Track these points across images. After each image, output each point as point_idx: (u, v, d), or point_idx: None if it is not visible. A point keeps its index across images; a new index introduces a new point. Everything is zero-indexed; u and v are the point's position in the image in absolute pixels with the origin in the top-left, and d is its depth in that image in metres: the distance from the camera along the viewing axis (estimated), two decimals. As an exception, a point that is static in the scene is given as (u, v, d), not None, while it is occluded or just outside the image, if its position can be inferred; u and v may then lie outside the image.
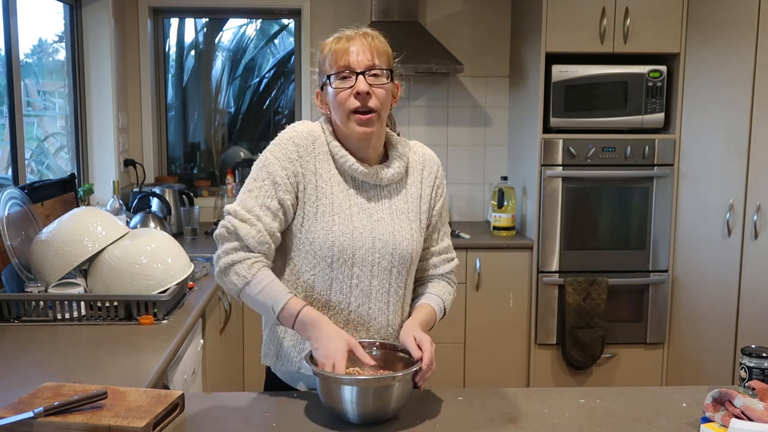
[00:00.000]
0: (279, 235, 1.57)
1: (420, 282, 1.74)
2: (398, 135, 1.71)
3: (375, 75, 1.54)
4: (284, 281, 1.60)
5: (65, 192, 2.96)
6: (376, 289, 1.60)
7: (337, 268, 1.57)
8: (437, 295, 1.69)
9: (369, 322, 1.61)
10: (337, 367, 1.41)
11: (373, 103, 1.53)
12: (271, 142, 1.60)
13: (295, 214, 1.58)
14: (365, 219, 1.59)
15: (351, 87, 1.52)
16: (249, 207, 1.53)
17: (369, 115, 1.54)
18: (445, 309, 1.71)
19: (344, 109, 1.54)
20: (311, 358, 1.48)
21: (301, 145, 1.57)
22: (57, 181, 2.95)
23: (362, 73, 1.52)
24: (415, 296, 1.72)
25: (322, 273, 1.57)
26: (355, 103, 1.53)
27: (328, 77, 1.55)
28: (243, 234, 1.51)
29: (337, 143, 1.60)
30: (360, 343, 1.50)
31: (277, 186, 1.54)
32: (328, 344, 1.45)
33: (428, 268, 1.73)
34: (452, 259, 1.75)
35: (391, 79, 1.58)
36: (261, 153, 1.61)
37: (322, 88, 1.60)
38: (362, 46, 1.53)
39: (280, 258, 1.63)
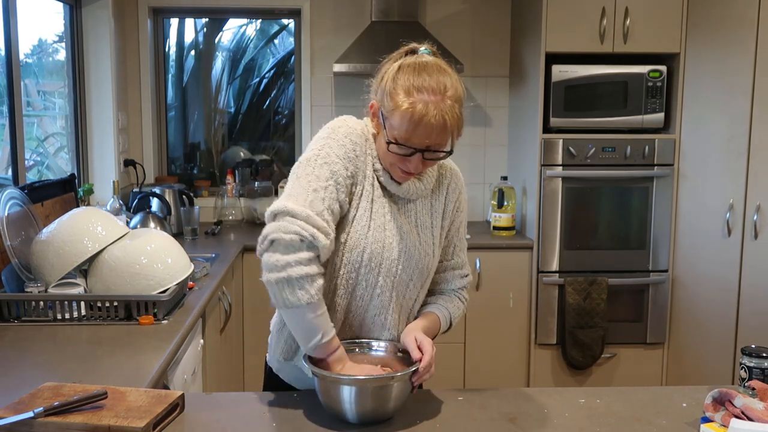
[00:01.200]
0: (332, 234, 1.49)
1: (431, 294, 1.72)
2: None
3: (434, 153, 1.48)
4: None
5: (65, 192, 2.96)
6: (394, 300, 1.58)
7: (363, 274, 1.54)
8: (445, 307, 1.67)
9: (381, 332, 1.60)
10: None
11: (420, 171, 1.51)
12: (325, 136, 1.51)
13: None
14: (395, 230, 1.55)
15: (406, 156, 1.46)
16: (319, 210, 1.42)
17: (412, 175, 1.52)
18: (451, 322, 1.69)
19: (390, 161, 1.51)
20: (310, 358, 1.48)
21: (357, 143, 1.51)
22: (57, 181, 2.95)
23: (422, 151, 1.45)
24: (424, 304, 1.70)
25: (347, 276, 1.54)
26: (403, 166, 1.49)
27: (388, 141, 1.46)
28: (322, 245, 1.40)
29: (376, 154, 1.56)
30: (365, 341, 1.55)
31: (339, 187, 1.46)
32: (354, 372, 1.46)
33: (441, 281, 1.71)
34: (466, 276, 1.72)
35: (449, 153, 1.51)
36: (313, 145, 1.51)
37: (379, 112, 1.49)
38: (435, 130, 1.42)
39: None
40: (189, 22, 4.48)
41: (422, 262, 1.59)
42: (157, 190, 3.72)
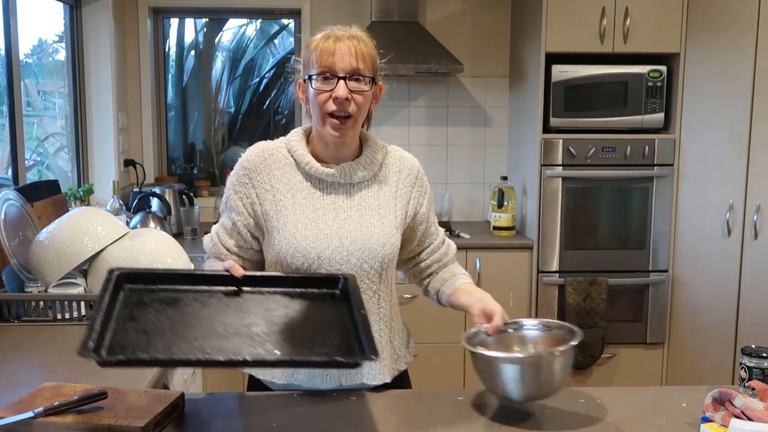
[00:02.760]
0: (239, 248, 1.67)
1: (436, 273, 1.79)
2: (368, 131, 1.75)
3: (357, 80, 1.55)
4: None
5: (55, 193, 2.93)
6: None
7: (305, 271, 1.59)
8: (464, 274, 1.77)
9: None
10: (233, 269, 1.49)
11: (351, 108, 1.55)
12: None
13: (263, 231, 1.64)
14: (331, 219, 1.61)
15: (331, 90, 1.54)
16: (215, 228, 1.72)
17: (345, 121, 1.56)
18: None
19: (322, 110, 1.56)
20: (468, 339, 1.51)
21: (250, 168, 1.63)
22: (47, 182, 2.93)
23: (344, 78, 1.54)
24: (442, 282, 1.76)
25: None
26: (332, 106, 1.55)
27: (310, 76, 1.57)
28: (205, 247, 1.73)
29: (303, 150, 1.63)
30: (518, 321, 1.59)
31: (230, 209, 1.65)
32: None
33: (441, 258, 1.78)
34: (450, 244, 1.83)
35: (374, 83, 1.59)
36: None
37: (304, 81, 1.61)
38: (348, 49, 1.54)
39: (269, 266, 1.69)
40: (189, 22, 4.48)
41: (370, 242, 1.61)
42: (157, 190, 3.72)
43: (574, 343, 1.45)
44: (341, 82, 1.53)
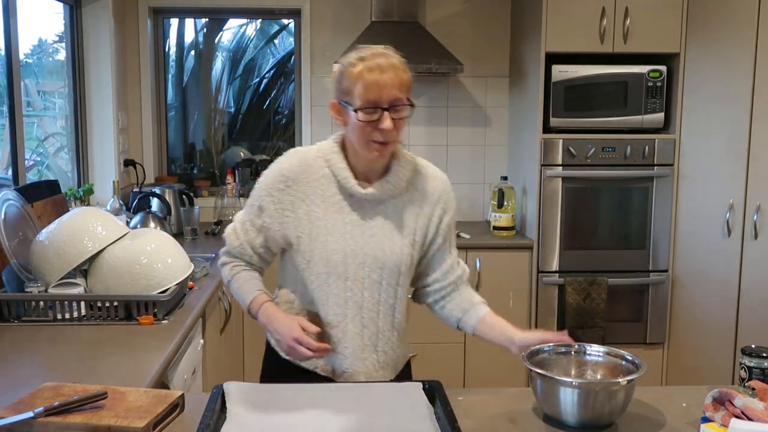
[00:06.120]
0: (264, 248, 1.72)
1: (452, 296, 1.82)
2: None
3: (398, 109, 1.58)
4: (294, 293, 1.74)
5: (55, 193, 2.93)
6: (368, 301, 1.69)
7: (332, 283, 1.67)
8: (481, 301, 1.84)
9: (363, 330, 1.71)
10: (303, 341, 1.57)
11: (393, 136, 1.60)
12: (268, 167, 1.72)
13: (288, 238, 1.68)
14: (358, 236, 1.67)
15: (375, 121, 1.56)
16: (242, 220, 1.74)
17: (387, 145, 1.61)
18: None
19: (366, 138, 1.59)
20: (529, 357, 1.52)
21: (289, 177, 1.67)
22: (47, 182, 2.92)
23: (388, 109, 1.56)
24: (463, 311, 1.81)
25: (319, 288, 1.68)
26: (378, 136, 1.58)
27: (354, 108, 1.57)
28: (228, 242, 1.76)
29: (342, 164, 1.66)
30: (582, 345, 1.62)
31: (262, 210, 1.69)
32: (282, 330, 1.62)
33: (457, 280, 1.81)
34: (464, 266, 1.86)
35: (411, 106, 1.61)
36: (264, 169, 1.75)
37: (340, 103, 1.62)
38: (392, 81, 1.55)
39: (290, 272, 1.74)
40: (189, 22, 4.48)
41: (389, 261, 1.68)
42: (157, 190, 3.71)
43: (640, 373, 1.45)
44: (386, 113, 1.56)
